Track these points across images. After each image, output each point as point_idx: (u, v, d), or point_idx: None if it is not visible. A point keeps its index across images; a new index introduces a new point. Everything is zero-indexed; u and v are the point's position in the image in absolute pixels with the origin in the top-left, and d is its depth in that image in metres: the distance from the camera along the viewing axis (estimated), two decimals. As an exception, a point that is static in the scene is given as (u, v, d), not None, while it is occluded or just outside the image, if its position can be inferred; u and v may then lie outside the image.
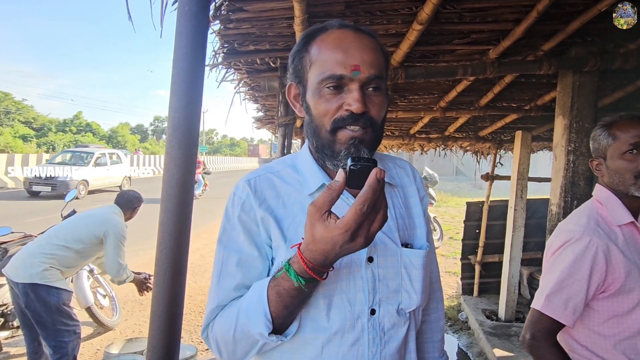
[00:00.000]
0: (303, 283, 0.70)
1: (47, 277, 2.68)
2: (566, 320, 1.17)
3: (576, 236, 1.20)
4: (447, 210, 13.66)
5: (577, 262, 1.17)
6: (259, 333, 0.75)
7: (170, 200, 0.75)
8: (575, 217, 1.29)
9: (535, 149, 4.77)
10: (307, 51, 0.83)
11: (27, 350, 2.89)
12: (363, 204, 0.62)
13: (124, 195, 3.15)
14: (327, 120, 0.80)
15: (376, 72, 0.79)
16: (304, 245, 0.68)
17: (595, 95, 2.29)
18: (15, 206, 10.31)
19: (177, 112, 0.73)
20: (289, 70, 0.88)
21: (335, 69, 0.78)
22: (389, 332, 0.84)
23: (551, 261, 1.26)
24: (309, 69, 0.82)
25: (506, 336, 3.88)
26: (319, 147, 0.84)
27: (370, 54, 0.80)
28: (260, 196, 0.85)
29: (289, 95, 0.90)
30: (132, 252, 6.85)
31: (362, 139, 0.80)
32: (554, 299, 1.19)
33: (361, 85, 0.78)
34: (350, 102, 0.78)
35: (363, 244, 0.66)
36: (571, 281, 1.18)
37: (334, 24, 0.83)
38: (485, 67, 2.21)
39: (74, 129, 35.42)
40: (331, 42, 0.80)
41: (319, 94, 0.80)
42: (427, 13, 1.71)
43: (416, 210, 0.95)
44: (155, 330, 0.77)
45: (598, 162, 1.30)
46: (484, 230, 4.71)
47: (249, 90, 2.84)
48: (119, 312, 4.35)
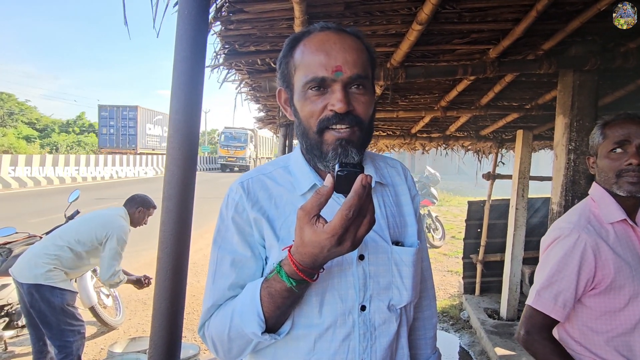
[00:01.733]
0: (294, 284, 0.72)
1: (50, 277, 2.69)
2: (557, 315, 1.19)
3: (565, 232, 1.22)
4: (449, 209, 13.65)
5: (565, 257, 1.19)
6: (252, 332, 0.77)
7: (171, 200, 0.76)
8: (568, 215, 1.31)
9: (536, 147, 4.77)
10: (291, 56, 0.86)
11: (33, 349, 2.92)
12: (349, 209, 0.64)
13: (134, 197, 3.11)
14: (314, 121, 0.82)
15: (359, 72, 0.81)
16: (294, 248, 0.70)
17: (595, 94, 2.29)
18: (19, 206, 10.35)
19: (177, 113, 0.75)
20: (277, 75, 0.90)
21: (318, 72, 0.79)
22: (379, 327, 0.86)
23: (543, 258, 1.28)
24: (294, 73, 0.85)
25: (508, 335, 3.88)
26: (308, 148, 0.87)
27: (352, 54, 0.81)
28: (253, 198, 0.87)
29: (280, 100, 0.92)
30: (134, 253, 6.88)
31: (349, 139, 0.81)
32: (544, 294, 1.21)
33: (344, 86, 0.80)
34: (334, 102, 0.79)
35: (350, 248, 0.68)
36: (560, 276, 1.19)
37: (316, 27, 0.85)
38: (485, 67, 2.21)
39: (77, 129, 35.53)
40: (313, 45, 0.82)
41: (304, 97, 0.82)
42: (427, 13, 1.72)
43: (407, 208, 0.97)
44: (157, 329, 0.79)
45: (593, 159, 1.31)
46: (485, 229, 4.71)
47: (250, 90, 2.85)
48: (122, 311, 4.38)
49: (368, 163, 0.95)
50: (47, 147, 26.79)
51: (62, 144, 27.74)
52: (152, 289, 0.86)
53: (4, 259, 3.63)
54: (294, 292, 0.74)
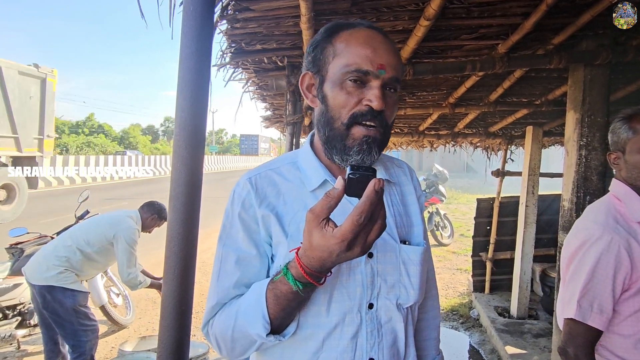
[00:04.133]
0: (300, 288, 0.71)
1: (62, 279, 2.71)
2: (599, 324, 1.13)
3: (596, 234, 1.16)
4: (458, 207, 13.56)
5: (601, 263, 1.13)
6: (256, 334, 0.77)
7: (178, 198, 0.76)
8: (592, 214, 1.24)
9: (546, 144, 4.71)
10: (330, 43, 0.84)
11: (44, 349, 2.94)
12: (360, 215, 0.62)
13: (152, 203, 3.09)
14: (345, 112, 0.81)
15: (397, 75, 0.82)
16: (302, 250, 0.69)
17: (607, 89, 2.25)
18: (30, 206, 10.48)
19: (183, 111, 0.74)
20: (307, 59, 0.89)
21: (363, 64, 0.79)
22: (385, 325, 0.85)
23: (574, 264, 1.21)
24: (332, 60, 0.83)
25: (519, 333, 3.85)
26: (329, 138, 0.85)
27: (394, 58, 0.82)
28: (261, 194, 0.86)
29: (302, 84, 0.90)
30: (144, 252, 6.92)
31: (375, 137, 0.81)
32: (584, 304, 1.15)
33: (382, 84, 0.80)
34: (372, 97, 0.79)
35: (360, 253, 0.66)
36: (595, 282, 1.14)
37: (363, 23, 0.85)
38: (494, 62, 2.18)
39: (86, 130, 35.92)
40: (361, 38, 0.81)
41: (341, 86, 0.81)
42: (434, 8, 1.70)
43: (413, 208, 0.96)
44: (165, 329, 0.78)
45: (616, 155, 1.25)
46: (495, 227, 4.67)
47: (257, 89, 2.84)
48: (133, 310, 4.41)
49: (377, 162, 0.94)
50: (58, 149, 27.09)
51: (72, 145, 28.05)
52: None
53: (16, 259, 3.68)
54: (300, 295, 0.73)
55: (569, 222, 2.33)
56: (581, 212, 2.27)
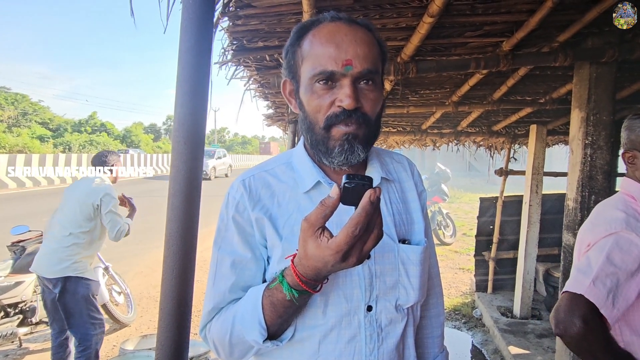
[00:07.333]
0: (296, 296, 0.70)
1: (78, 268, 2.84)
2: (607, 312, 1.05)
3: (620, 227, 1.11)
4: (460, 206, 13.53)
5: (623, 256, 1.08)
6: (253, 340, 0.76)
7: (177, 196, 0.74)
8: (608, 211, 1.19)
9: (550, 143, 4.68)
10: (299, 46, 0.82)
11: (53, 344, 3.02)
12: (355, 226, 0.61)
13: (94, 158, 3.17)
14: (321, 116, 0.79)
15: (370, 67, 0.77)
16: (297, 259, 0.68)
17: (613, 87, 2.22)
18: (32, 204, 10.51)
19: (182, 107, 0.72)
20: (283, 65, 0.87)
21: (327, 65, 0.76)
22: (386, 328, 0.83)
23: (596, 247, 1.14)
24: (301, 64, 0.81)
25: (522, 333, 3.83)
26: (313, 143, 0.83)
27: (363, 48, 0.77)
28: (255, 196, 0.84)
29: (284, 92, 0.88)
30: (144, 250, 6.93)
31: (356, 134, 0.78)
32: (599, 285, 1.07)
33: (353, 80, 0.76)
34: (342, 97, 0.76)
35: (356, 263, 0.65)
36: (615, 272, 1.08)
37: (326, 17, 0.81)
38: (498, 60, 2.16)
39: (89, 129, 35.95)
40: (323, 36, 0.78)
41: (311, 90, 0.79)
42: (438, 5, 1.68)
43: (414, 205, 0.93)
44: (164, 329, 0.77)
45: (632, 154, 1.22)
46: (498, 226, 4.65)
47: (258, 87, 2.83)
48: (134, 308, 4.41)
49: (374, 158, 0.92)
50: (60, 147, 27.15)
51: (75, 144, 28.08)
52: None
53: (18, 257, 3.68)
54: (296, 303, 0.72)
55: (573, 221, 2.30)
56: (586, 212, 2.26)
